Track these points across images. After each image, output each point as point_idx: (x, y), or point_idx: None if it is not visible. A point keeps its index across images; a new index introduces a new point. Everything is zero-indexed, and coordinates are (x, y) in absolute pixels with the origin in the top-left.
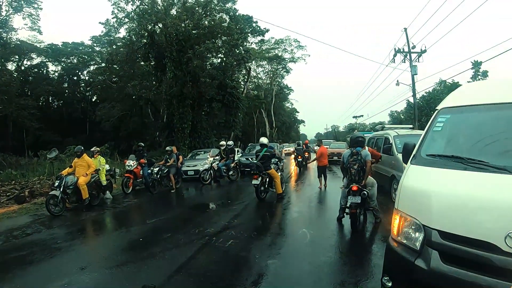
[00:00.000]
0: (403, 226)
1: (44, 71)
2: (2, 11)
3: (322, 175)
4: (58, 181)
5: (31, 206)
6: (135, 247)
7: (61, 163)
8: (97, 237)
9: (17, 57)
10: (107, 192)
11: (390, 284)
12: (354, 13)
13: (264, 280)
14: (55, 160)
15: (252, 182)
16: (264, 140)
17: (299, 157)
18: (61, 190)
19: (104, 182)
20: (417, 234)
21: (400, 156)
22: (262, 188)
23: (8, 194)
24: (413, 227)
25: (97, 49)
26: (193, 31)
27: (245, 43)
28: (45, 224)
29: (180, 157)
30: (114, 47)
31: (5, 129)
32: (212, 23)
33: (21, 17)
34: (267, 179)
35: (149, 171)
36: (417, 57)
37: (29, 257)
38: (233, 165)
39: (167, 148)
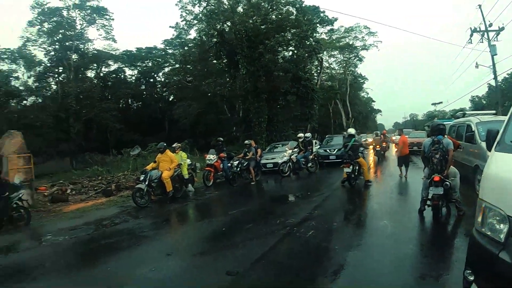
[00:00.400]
0: (487, 217)
1: (122, 76)
2: (77, 25)
3: (404, 165)
4: (144, 176)
5: (118, 199)
6: (218, 237)
7: (144, 160)
8: (181, 226)
9: (95, 65)
10: (189, 185)
11: (472, 278)
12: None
13: (344, 271)
14: (138, 157)
15: (345, 170)
16: (352, 130)
17: (378, 146)
18: (147, 183)
19: (186, 176)
20: (501, 225)
21: (483, 144)
22: (353, 176)
23: (95, 188)
24: (497, 218)
25: (170, 51)
26: (261, 26)
27: (314, 34)
28: (132, 214)
29: (259, 150)
30: (186, 48)
31: (90, 131)
32: (280, 16)
33: (95, 29)
34: (357, 167)
35: (229, 164)
36: (495, 35)
37: (118, 244)
38: (311, 157)
39: (246, 141)
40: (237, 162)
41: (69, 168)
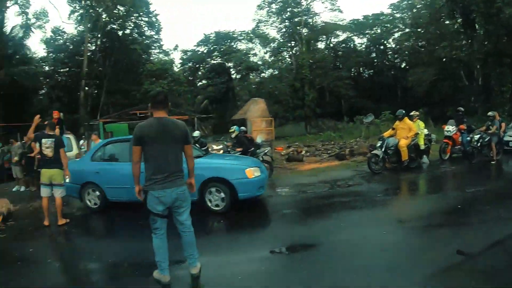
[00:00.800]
0: None
1: (351, 45)
2: (302, 2)
3: None
4: (381, 142)
5: (351, 163)
6: (452, 213)
7: (376, 128)
8: (413, 196)
9: (324, 36)
10: (424, 156)
11: None
12: None
13: None
14: (371, 124)
15: None
16: None
17: None
18: (383, 150)
19: (422, 147)
20: None
21: None
22: None
23: (328, 152)
24: None
25: (398, 15)
26: None
27: None
28: (365, 178)
29: (503, 124)
30: (414, 10)
31: (323, 98)
32: None
33: (320, 2)
34: None
35: (468, 138)
36: None
37: (351, 203)
38: None
39: (489, 113)
40: (477, 136)
41: (304, 132)
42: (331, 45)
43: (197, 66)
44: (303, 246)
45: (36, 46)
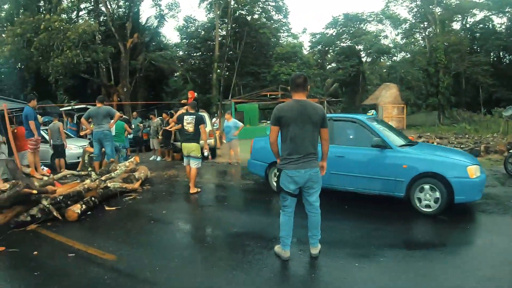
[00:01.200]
0: None
1: (490, 25)
2: None
3: None
4: None
5: (485, 161)
6: None
7: None
8: None
9: (459, 16)
10: None
11: None
12: None
13: None
14: (510, 119)
15: None
16: None
17: None
18: None
19: None
20: None
21: None
22: None
23: (462, 146)
24: None
25: None
26: None
27: None
28: (500, 180)
29: None
30: None
31: (458, 86)
32: None
33: None
34: None
35: None
36: None
37: (481, 206)
38: None
39: None
40: None
41: (436, 122)
42: (467, 25)
43: (326, 49)
44: (425, 244)
45: (170, 34)
